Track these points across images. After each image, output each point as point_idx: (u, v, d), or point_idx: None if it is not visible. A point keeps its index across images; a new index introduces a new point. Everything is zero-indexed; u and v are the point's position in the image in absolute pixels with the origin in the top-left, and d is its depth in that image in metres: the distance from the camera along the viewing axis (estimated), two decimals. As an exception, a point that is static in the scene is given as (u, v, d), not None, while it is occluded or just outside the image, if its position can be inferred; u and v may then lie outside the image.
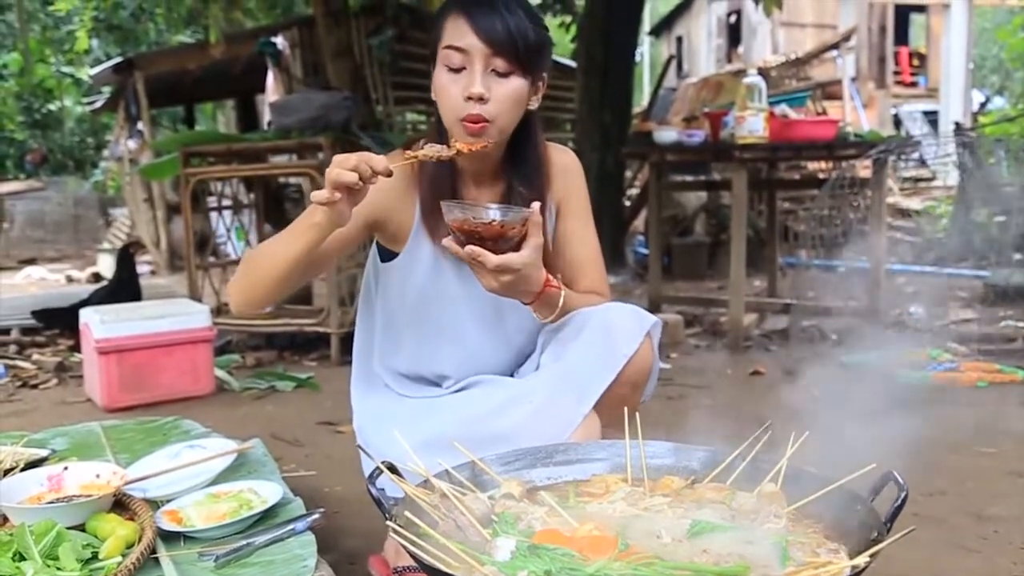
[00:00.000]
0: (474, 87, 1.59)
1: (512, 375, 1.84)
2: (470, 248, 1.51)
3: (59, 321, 4.95)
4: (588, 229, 1.88)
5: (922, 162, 10.57)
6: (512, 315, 1.79)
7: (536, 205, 1.55)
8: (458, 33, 1.60)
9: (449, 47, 1.61)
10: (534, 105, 1.71)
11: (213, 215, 5.74)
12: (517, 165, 1.77)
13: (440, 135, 1.71)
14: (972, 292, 5.71)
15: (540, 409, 1.62)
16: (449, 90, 1.62)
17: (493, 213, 1.51)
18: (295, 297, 4.81)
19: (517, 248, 1.54)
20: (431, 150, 1.57)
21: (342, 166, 1.43)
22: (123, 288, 4.92)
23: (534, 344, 1.82)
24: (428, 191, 1.73)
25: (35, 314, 5.07)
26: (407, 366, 1.88)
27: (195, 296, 4.76)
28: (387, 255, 1.83)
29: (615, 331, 1.66)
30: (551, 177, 1.82)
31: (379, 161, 1.45)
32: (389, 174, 1.46)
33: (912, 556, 1.98)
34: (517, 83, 1.62)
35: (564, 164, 1.87)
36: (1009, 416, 3.17)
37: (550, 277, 1.65)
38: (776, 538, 1.17)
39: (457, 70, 1.61)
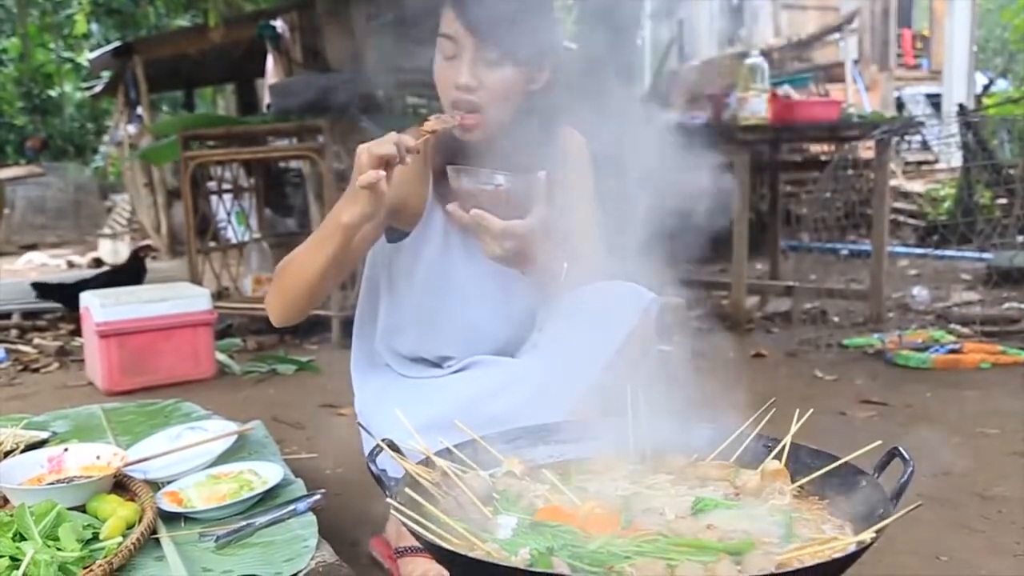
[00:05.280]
0: (461, 78, 1.59)
1: (514, 354, 1.83)
2: (475, 212, 1.51)
3: (58, 295, 4.96)
4: (591, 210, 1.87)
5: (925, 144, 10.53)
6: (517, 293, 1.78)
7: (542, 173, 1.55)
8: (448, 22, 1.60)
9: (442, 34, 1.61)
10: (538, 86, 1.69)
11: (213, 199, 5.73)
12: (524, 144, 1.75)
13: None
14: (975, 274, 5.70)
15: (539, 390, 1.61)
16: (442, 77, 1.64)
17: (500, 178, 1.51)
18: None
19: (522, 217, 1.53)
20: (438, 122, 1.57)
21: (381, 141, 1.44)
22: (125, 273, 4.93)
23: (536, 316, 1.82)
24: (441, 171, 1.72)
25: (35, 286, 5.07)
26: (409, 346, 1.87)
27: (196, 280, 4.75)
28: (393, 235, 1.82)
29: (613, 308, 1.65)
30: (558, 156, 1.81)
31: (407, 139, 1.46)
32: (418, 151, 1.48)
33: (916, 535, 1.97)
34: (508, 72, 1.61)
35: (571, 145, 1.86)
36: (1012, 397, 3.16)
37: (553, 249, 1.64)
38: (781, 515, 1.17)
39: (450, 58, 1.61)
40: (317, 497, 1.59)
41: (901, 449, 1.18)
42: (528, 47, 1.61)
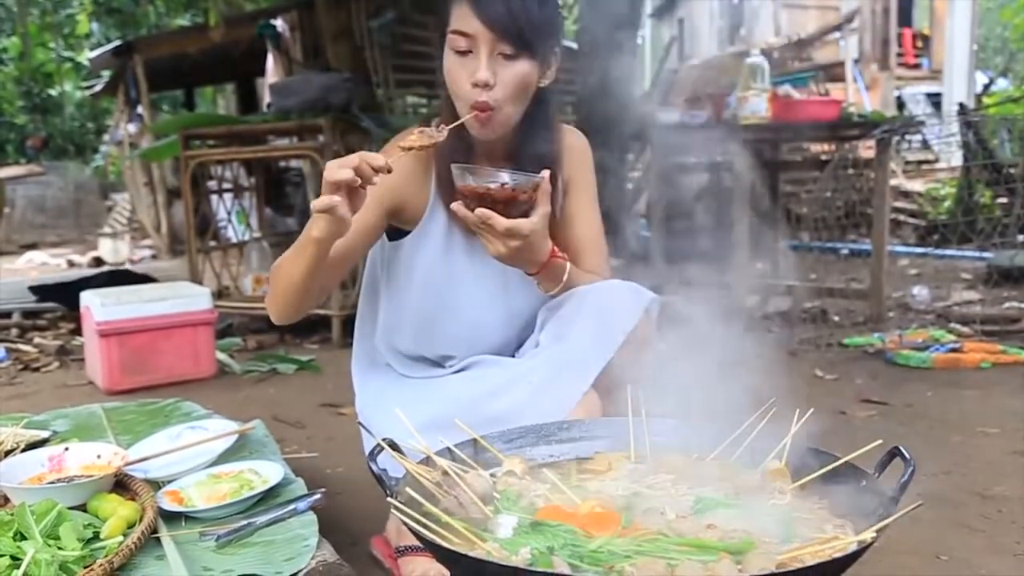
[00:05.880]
0: (479, 73, 1.58)
1: (514, 354, 1.83)
2: (480, 211, 1.50)
3: (56, 296, 4.96)
4: (593, 210, 1.87)
5: (925, 144, 10.53)
6: (518, 292, 1.79)
7: (546, 172, 1.55)
8: (463, 17, 1.59)
9: (455, 31, 1.60)
10: (546, 82, 1.70)
11: (214, 198, 5.73)
12: (529, 142, 1.75)
13: (452, 116, 1.71)
14: (975, 273, 5.70)
15: (539, 389, 1.61)
16: (456, 75, 1.62)
17: (504, 177, 1.50)
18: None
19: (526, 215, 1.53)
20: (422, 137, 1.55)
21: (341, 164, 1.41)
22: (113, 273, 4.96)
23: (535, 316, 1.81)
24: (444, 170, 1.72)
25: (32, 289, 5.07)
26: (409, 345, 1.87)
27: (196, 279, 4.75)
28: (394, 234, 1.82)
29: (613, 308, 1.65)
30: (561, 155, 1.81)
31: (376, 158, 1.43)
32: (389, 171, 1.44)
33: (916, 535, 1.97)
34: (524, 66, 1.61)
35: (573, 144, 1.86)
36: (1012, 396, 3.16)
37: (555, 248, 1.64)
38: (781, 514, 1.17)
39: (464, 54, 1.60)
40: (317, 496, 1.59)
41: (901, 449, 1.18)
42: (542, 41, 1.61)
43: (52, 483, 1.65)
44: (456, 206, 1.55)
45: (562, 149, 1.82)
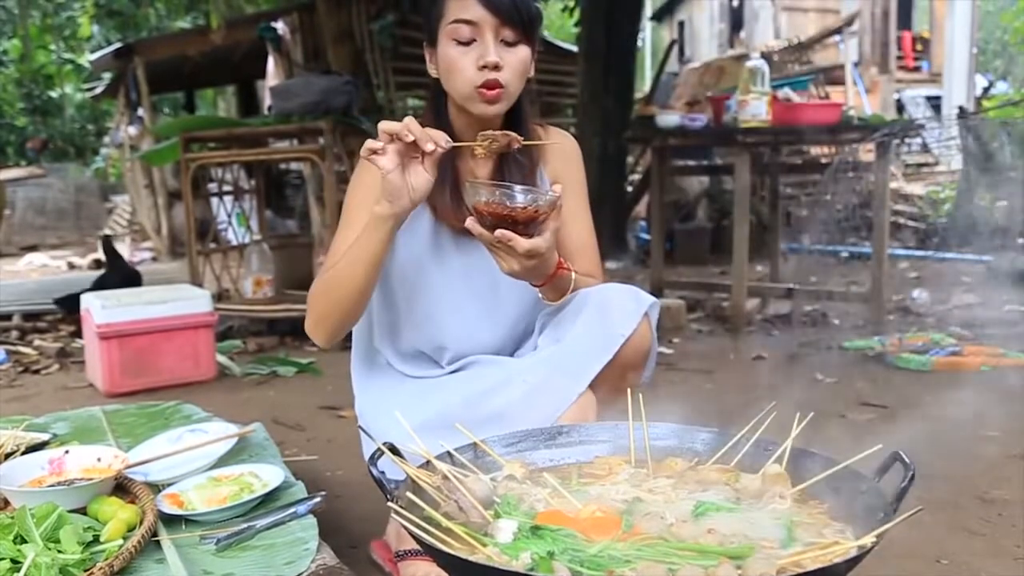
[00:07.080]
0: (489, 56, 1.62)
1: (511, 355, 1.83)
2: (501, 232, 1.47)
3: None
4: (584, 213, 1.88)
5: (925, 147, 10.54)
6: (507, 288, 1.78)
7: (559, 188, 1.54)
8: (465, 7, 1.62)
9: (457, 21, 1.63)
10: (531, 73, 1.74)
11: (214, 201, 5.72)
12: (527, 138, 1.76)
13: (438, 115, 1.73)
14: (975, 276, 5.70)
15: (535, 388, 1.61)
16: (460, 63, 1.64)
17: (520, 197, 1.47)
18: (296, 283, 4.80)
19: (538, 231, 1.52)
20: (492, 144, 1.58)
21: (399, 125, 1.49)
22: (124, 274, 4.95)
23: (529, 319, 1.82)
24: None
25: (58, 302, 5.03)
26: (405, 341, 1.87)
27: (196, 282, 4.75)
28: None
29: (613, 311, 1.65)
30: (546, 155, 1.83)
31: (439, 133, 1.51)
32: (445, 149, 1.52)
33: (917, 538, 1.97)
34: (524, 51, 1.66)
35: (563, 147, 1.87)
36: (1013, 400, 3.16)
37: (562, 260, 1.64)
38: (781, 519, 1.16)
39: (467, 43, 1.63)
40: (318, 500, 1.59)
41: (902, 454, 1.18)
42: (536, 28, 1.67)
43: (52, 486, 1.65)
44: (471, 224, 1.52)
45: (549, 151, 1.84)
